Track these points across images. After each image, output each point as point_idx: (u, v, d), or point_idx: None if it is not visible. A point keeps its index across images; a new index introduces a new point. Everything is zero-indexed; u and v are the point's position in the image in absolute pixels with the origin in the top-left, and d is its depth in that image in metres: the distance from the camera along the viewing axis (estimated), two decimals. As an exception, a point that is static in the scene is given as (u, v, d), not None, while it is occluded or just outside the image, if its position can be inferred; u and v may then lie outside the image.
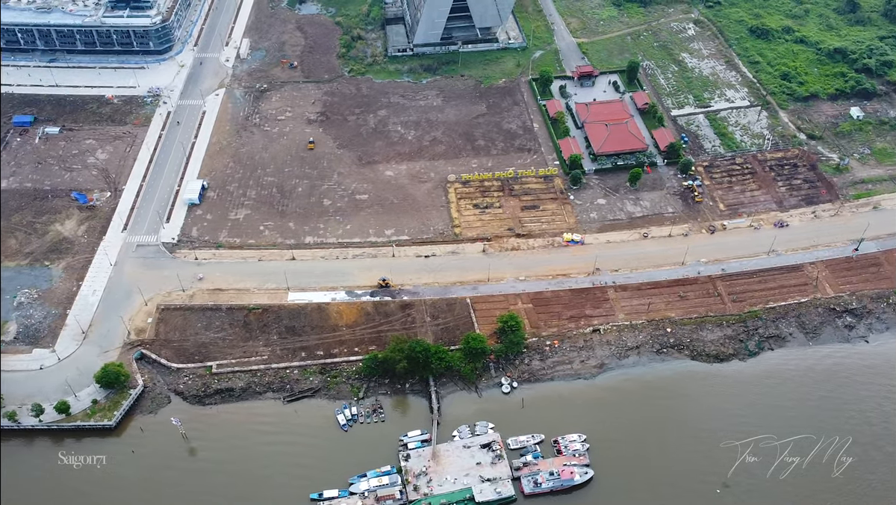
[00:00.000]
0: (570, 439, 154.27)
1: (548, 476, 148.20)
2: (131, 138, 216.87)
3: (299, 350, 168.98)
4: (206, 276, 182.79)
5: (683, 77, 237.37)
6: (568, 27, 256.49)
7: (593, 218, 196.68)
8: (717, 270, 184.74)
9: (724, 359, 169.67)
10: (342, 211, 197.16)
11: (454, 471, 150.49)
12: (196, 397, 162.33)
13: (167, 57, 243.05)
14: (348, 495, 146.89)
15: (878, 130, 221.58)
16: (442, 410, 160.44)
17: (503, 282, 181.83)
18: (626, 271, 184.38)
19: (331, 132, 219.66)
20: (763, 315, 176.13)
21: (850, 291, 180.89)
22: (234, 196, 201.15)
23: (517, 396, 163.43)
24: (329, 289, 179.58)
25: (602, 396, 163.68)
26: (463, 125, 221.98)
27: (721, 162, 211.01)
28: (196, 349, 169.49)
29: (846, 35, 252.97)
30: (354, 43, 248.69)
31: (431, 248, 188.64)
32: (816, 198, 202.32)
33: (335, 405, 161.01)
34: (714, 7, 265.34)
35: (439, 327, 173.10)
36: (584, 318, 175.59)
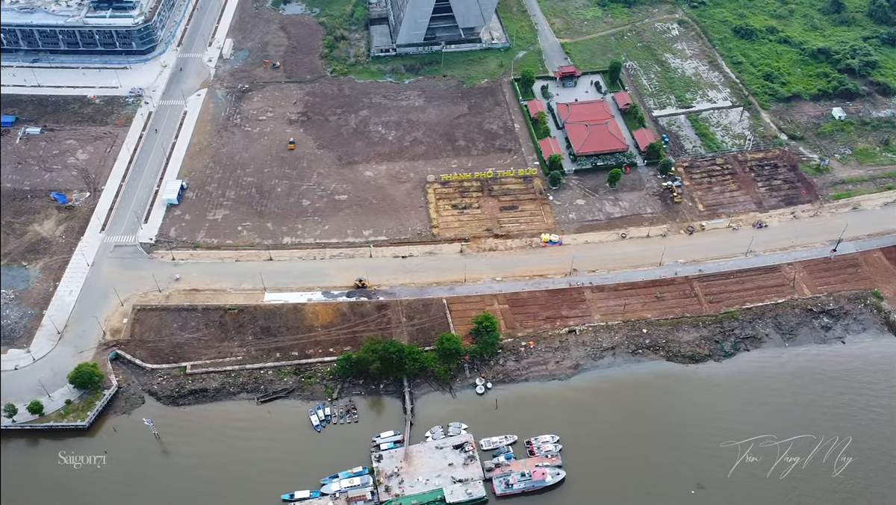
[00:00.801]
0: (542, 440, 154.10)
1: (519, 477, 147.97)
2: (112, 139, 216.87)
3: (274, 351, 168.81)
4: (183, 276, 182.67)
5: (666, 77, 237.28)
6: (552, 27, 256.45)
7: (572, 218, 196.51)
8: (694, 270, 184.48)
9: (700, 360, 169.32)
10: (321, 211, 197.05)
11: (426, 472, 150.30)
12: (170, 398, 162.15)
13: (150, 57, 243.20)
14: (319, 496, 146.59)
15: (859, 131, 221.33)
16: (415, 411, 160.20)
17: (480, 282, 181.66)
18: (603, 272, 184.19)
19: (311, 132, 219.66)
20: (739, 316, 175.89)
21: (827, 292, 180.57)
22: (213, 196, 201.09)
23: (491, 396, 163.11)
24: (305, 289, 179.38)
25: (576, 397, 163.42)
26: (444, 125, 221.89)
27: (701, 162, 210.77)
28: (171, 350, 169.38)
29: (830, 35, 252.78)
30: (337, 43, 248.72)
31: (409, 249, 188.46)
32: (796, 198, 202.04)
33: (309, 406, 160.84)
34: (698, 7, 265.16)
35: (415, 328, 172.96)
36: (560, 318, 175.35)
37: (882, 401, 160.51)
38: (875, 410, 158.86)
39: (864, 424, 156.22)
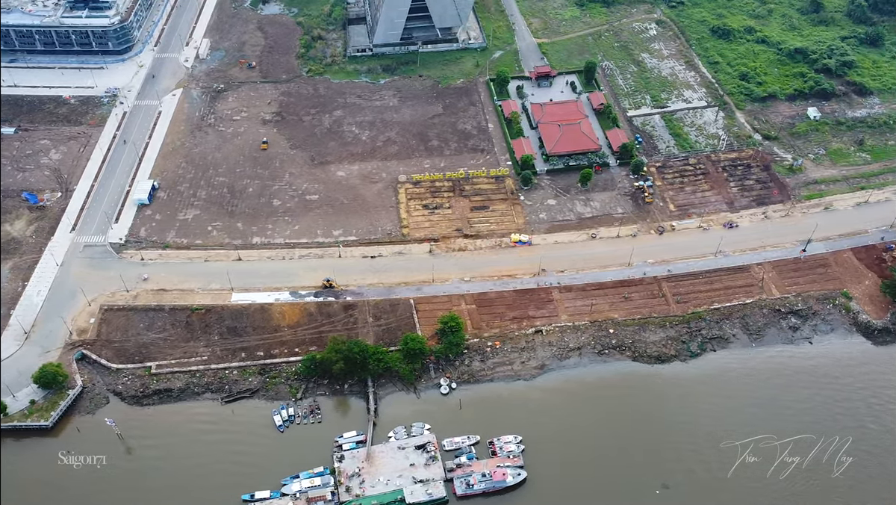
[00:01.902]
0: (505, 441, 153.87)
1: (480, 477, 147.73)
2: (86, 139, 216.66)
3: (240, 351, 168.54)
4: (152, 276, 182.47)
5: (642, 77, 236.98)
6: (529, 27, 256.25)
7: (542, 218, 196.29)
8: (663, 270, 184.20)
9: (666, 360, 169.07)
10: (291, 211, 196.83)
11: (387, 472, 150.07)
12: (134, 398, 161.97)
13: (127, 57, 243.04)
14: (280, 496, 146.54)
15: (834, 131, 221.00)
16: (379, 411, 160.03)
17: (448, 283, 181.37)
18: (572, 272, 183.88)
19: (285, 132, 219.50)
20: (707, 316, 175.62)
21: (796, 293, 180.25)
22: (185, 196, 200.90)
23: (455, 397, 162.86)
24: (273, 289, 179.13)
25: (541, 398, 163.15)
26: (418, 125, 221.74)
27: (674, 163, 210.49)
28: (137, 350, 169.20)
29: (808, 35, 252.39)
30: (314, 43, 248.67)
31: (378, 249, 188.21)
32: (768, 199, 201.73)
33: (273, 406, 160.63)
34: (677, 7, 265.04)
35: (381, 328, 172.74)
36: (527, 319, 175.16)
37: (847, 403, 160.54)
38: (838, 410, 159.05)
39: (823, 421, 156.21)
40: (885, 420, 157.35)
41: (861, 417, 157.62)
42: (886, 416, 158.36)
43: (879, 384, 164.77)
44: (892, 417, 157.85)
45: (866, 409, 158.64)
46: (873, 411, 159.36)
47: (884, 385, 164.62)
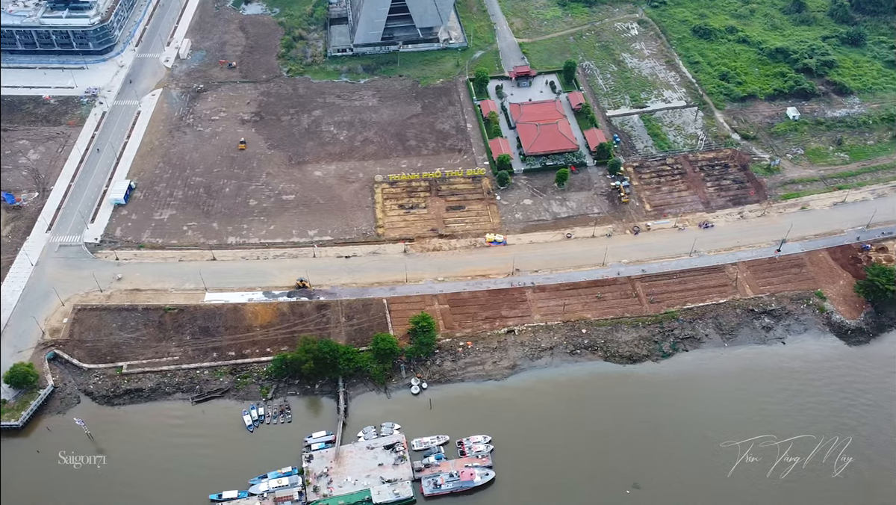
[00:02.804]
0: (474, 441, 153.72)
1: (448, 477, 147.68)
2: (64, 139, 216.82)
3: (211, 351, 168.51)
4: (126, 276, 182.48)
5: (622, 77, 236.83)
6: (511, 27, 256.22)
7: (518, 218, 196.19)
8: (637, 270, 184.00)
9: (638, 360, 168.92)
10: (267, 211, 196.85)
11: (356, 472, 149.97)
12: (105, 398, 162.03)
13: (107, 57, 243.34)
14: (247, 496, 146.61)
15: (813, 131, 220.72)
16: (349, 411, 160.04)
17: (421, 283, 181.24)
18: (546, 272, 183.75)
19: (263, 132, 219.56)
20: (680, 316, 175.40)
21: (770, 292, 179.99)
22: (161, 196, 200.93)
23: (426, 397, 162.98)
24: (247, 289, 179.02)
25: (511, 398, 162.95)
26: (396, 125, 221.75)
27: (651, 162, 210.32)
28: (109, 349, 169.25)
29: (790, 35, 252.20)
30: (295, 43, 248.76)
31: (353, 249, 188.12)
32: (744, 199, 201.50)
33: (243, 406, 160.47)
34: (659, 7, 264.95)
35: (353, 328, 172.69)
36: (499, 319, 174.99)
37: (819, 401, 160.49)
38: (811, 410, 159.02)
39: (787, 420, 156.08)
40: (859, 419, 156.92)
41: (832, 417, 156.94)
42: (860, 415, 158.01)
43: (853, 384, 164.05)
44: (865, 417, 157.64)
45: (835, 408, 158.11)
46: (846, 410, 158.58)
47: (858, 385, 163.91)
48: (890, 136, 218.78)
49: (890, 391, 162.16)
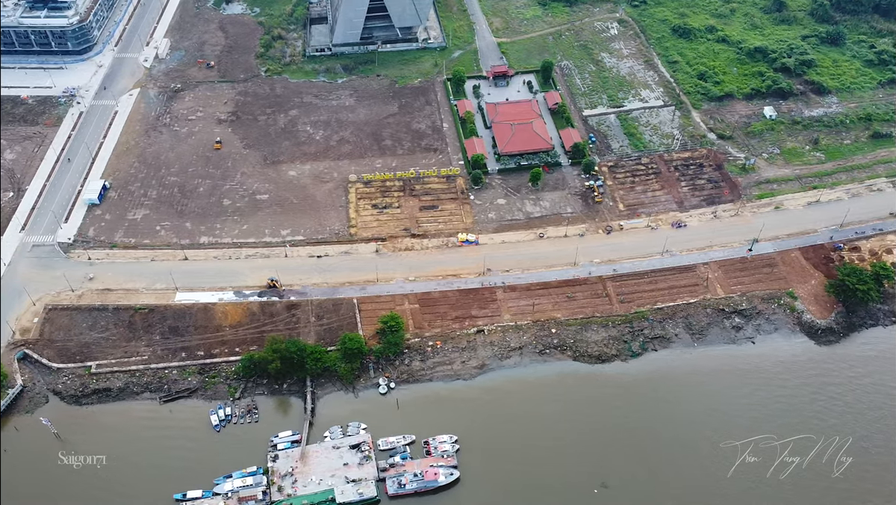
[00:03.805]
0: (440, 440, 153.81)
1: (412, 477, 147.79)
2: (41, 138, 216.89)
3: (180, 350, 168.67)
4: (98, 276, 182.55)
5: (600, 77, 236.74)
6: (490, 27, 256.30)
7: (491, 218, 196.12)
8: (608, 270, 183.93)
9: (607, 360, 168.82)
10: (241, 211, 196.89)
11: (321, 472, 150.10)
12: (73, 397, 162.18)
13: (86, 57, 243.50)
14: (212, 496, 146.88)
15: (790, 130, 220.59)
16: (317, 411, 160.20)
17: (392, 282, 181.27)
18: (517, 272, 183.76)
19: (239, 132, 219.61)
20: (650, 316, 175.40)
21: (740, 292, 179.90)
22: (135, 196, 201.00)
23: (394, 396, 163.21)
24: (217, 289, 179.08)
25: (479, 397, 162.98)
26: (372, 125, 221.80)
27: (626, 162, 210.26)
28: (78, 349, 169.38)
29: (770, 34, 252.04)
30: (274, 42, 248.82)
31: (325, 249, 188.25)
32: (718, 198, 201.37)
33: (211, 406, 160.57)
34: (640, 6, 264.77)
35: (323, 328, 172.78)
36: (469, 318, 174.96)
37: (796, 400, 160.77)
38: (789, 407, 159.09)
39: (767, 421, 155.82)
40: (821, 418, 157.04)
41: (797, 415, 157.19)
42: (826, 415, 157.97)
43: (826, 385, 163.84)
44: (827, 416, 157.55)
45: (800, 407, 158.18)
46: (812, 409, 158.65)
47: (829, 385, 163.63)
48: (867, 135, 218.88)
49: (866, 390, 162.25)
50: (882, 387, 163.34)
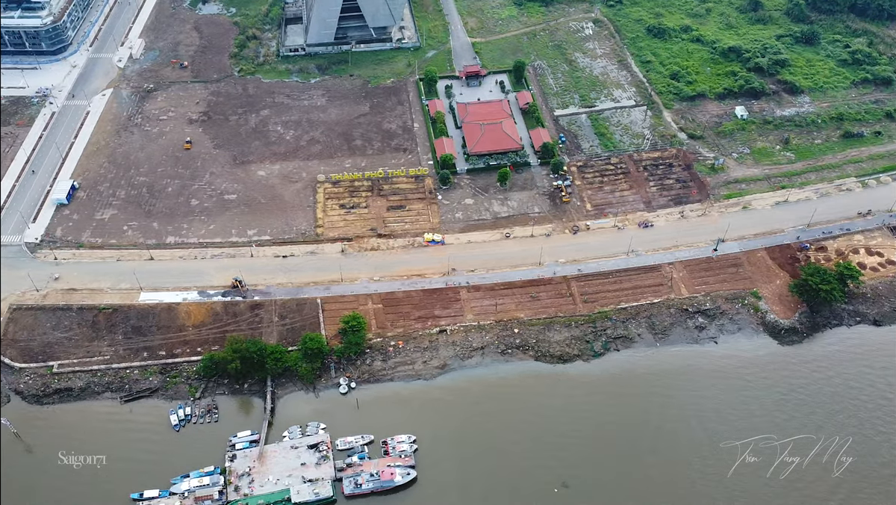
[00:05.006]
0: (398, 440, 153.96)
1: (368, 477, 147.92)
2: (12, 139, 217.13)
3: (142, 350, 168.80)
4: (63, 276, 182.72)
5: (573, 77, 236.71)
6: (465, 27, 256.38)
7: (458, 218, 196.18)
8: (573, 270, 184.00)
9: (568, 360, 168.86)
10: (208, 211, 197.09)
11: (278, 471, 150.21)
12: (35, 397, 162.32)
13: (61, 57, 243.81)
14: (168, 495, 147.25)
15: (761, 130, 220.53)
16: (277, 411, 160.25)
17: (357, 282, 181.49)
18: (482, 272, 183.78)
19: (210, 132, 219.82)
20: (613, 316, 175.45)
21: (705, 292, 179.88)
22: (104, 196, 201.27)
23: (354, 396, 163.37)
24: (182, 289, 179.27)
25: (440, 397, 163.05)
26: (343, 125, 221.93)
27: (595, 162, 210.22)
28: (41, 349, 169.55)
29: (745, 34, 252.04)
30: (249, 42, 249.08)
31: (291, 249, 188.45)
32: (686, 198, 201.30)
33: (171, 405, 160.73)
34: (615, 6, 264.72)
35: (286, 327, 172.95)
36: (432, 318, 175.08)
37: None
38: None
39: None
40: (780, 417, 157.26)
41: (768, 416, 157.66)
42: (781, 414, 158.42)
43: (787, 381, 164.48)
44: (780, 415, 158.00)
45: (763, 406, 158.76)
46: (771, 408, 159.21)
47: (792, 384, 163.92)
48: (838, 135, 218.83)
49: (830, 386, 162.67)
50: (840, 387, 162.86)
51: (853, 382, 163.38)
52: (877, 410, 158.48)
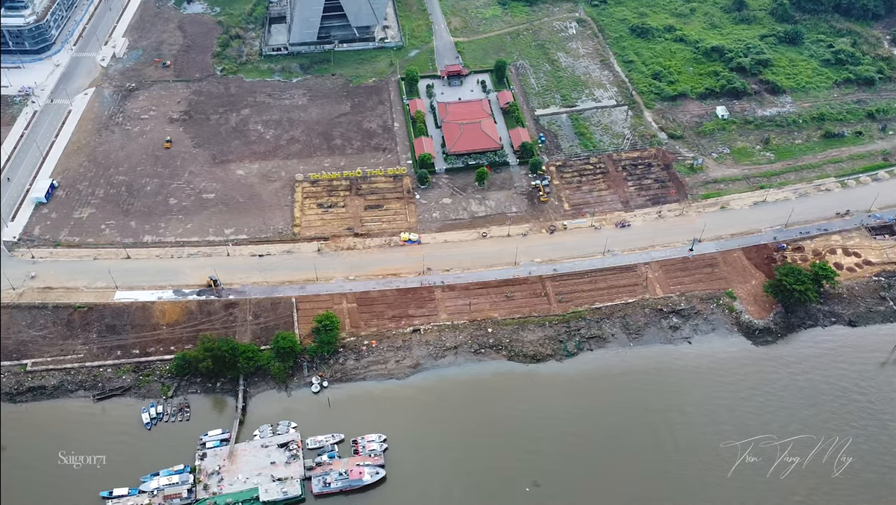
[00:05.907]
0: (368, 439, 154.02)
1: (337, 476, 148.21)
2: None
3: (116, 349, 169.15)
4: (40, 274, 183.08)
5: (554, 76, 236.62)
6: (449, 26, 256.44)
7: (435, 217, 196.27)
8: (549, 270, 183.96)
9: (542, 359, 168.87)
10: (186, 210, 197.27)
11: (247, 470, 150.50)
12: (8, 395, 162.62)
13: (44, 57, 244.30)
14: (137, 494, 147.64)
15: (741, 130, 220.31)
16: (249, 410, 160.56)
17: (332, 281, 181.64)
18: (457, 271, 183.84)
19: (190, 131, 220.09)
20: (587, 315, 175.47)
21: (680, 292, 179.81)
22: (83, 195, 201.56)
23: (326, 395, 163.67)
24: (157, 288, 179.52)
25: (412, 396, 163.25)
26: (323, 124, 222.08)
27: (574, 162, 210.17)
28: (16, 347, 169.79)
29: (728, 33, 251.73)
30: (232, 42, 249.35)
31: (267, 248, 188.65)
32: (664, 198, 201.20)
33: (144, 404, 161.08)
34: (599, 6, 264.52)
35: (259, 326, 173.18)
36: (406, 318, 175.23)
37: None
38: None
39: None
40: (761, 416, 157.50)
41: (747, 415, 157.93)
42: (761, 413, 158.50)
43: (762, 384, 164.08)
44: (761, 414, 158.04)
45: (738, 406, 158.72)
46: (751, 409, 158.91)
47: (766, 384, 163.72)
48: (819, 135, 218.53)
49: (800, 386, 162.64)
50: (806, 388, 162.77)
51: (822, 384, 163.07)
52: (846, 412, 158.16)
